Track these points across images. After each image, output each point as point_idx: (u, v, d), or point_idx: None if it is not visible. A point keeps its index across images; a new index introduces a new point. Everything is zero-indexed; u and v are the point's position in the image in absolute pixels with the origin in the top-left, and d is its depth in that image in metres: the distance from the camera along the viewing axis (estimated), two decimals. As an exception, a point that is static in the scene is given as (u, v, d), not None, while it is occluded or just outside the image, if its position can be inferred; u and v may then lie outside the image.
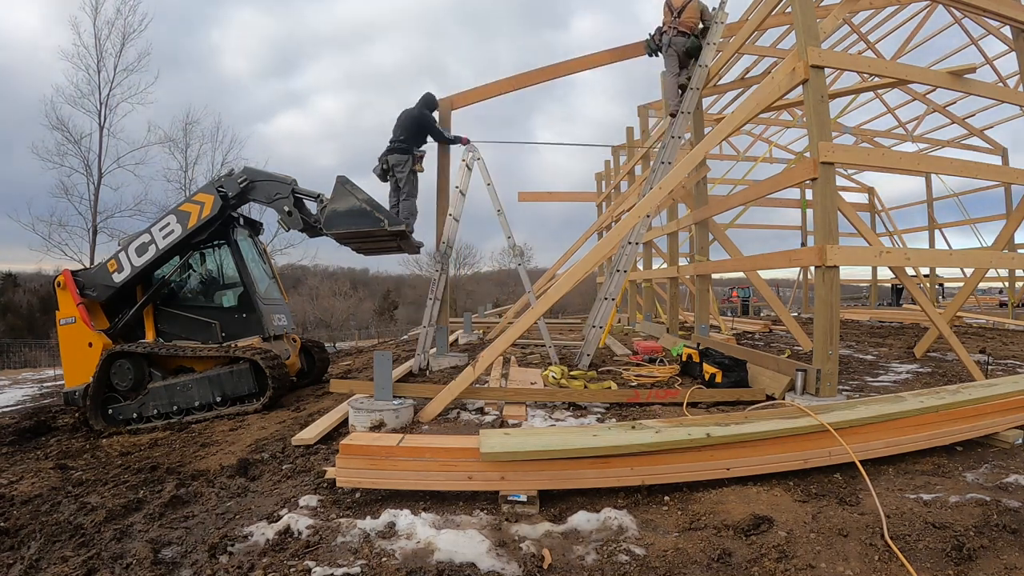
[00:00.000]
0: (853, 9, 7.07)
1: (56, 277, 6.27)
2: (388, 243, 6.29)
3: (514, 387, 5.14)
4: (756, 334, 9.86)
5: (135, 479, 3.91)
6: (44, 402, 8.96)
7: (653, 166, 7.19)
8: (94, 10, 19.41)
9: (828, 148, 4.30)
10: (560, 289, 5.23)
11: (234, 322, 6.29)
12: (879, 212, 15.86)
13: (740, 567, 2.21)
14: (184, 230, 5.95)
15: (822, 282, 4.32)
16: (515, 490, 2.75)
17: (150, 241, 5.99)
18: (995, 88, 8.39)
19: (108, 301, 6.26)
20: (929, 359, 6.67)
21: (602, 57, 7.62)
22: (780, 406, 4.28)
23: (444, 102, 7.24)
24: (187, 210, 6.01)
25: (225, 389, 5.82)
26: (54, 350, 24.66)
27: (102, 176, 19.84)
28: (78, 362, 6.01)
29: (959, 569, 2.10)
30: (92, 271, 6.36)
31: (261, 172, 6.26)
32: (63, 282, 6.10)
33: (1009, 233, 6.43)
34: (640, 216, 5.89)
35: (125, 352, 5.93)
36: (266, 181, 6.10)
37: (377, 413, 4.11)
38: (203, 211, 5.94)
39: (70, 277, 6.12)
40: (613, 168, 14.62)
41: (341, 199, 5.76)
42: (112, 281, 6.05)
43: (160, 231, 6.01)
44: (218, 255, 6.57)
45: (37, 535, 2.96)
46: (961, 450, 3.30)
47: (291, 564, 2.29)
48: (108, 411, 5.97)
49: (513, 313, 12.12)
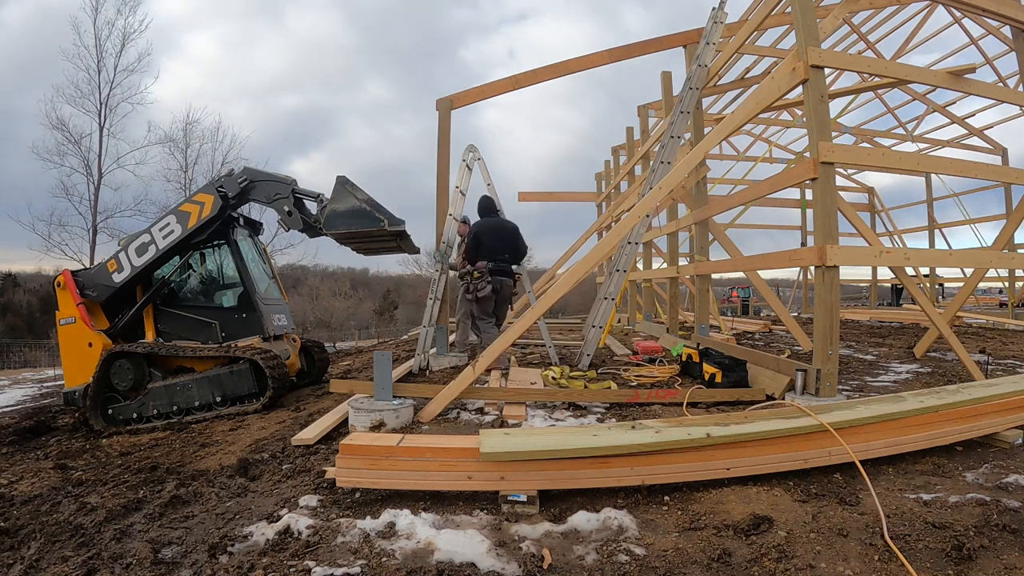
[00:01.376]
0: (853, 9, 7.08)
1: (56, 277, 6.25)
2: (388, 243, 6.27)
3: (514, 387, 5.14)
4: (756, 334, 9.86)
5: (135, 479, 3.90)
6: (44, 402, 8.96)
7: (653, 166, 7.20)
8: (94, 10, 19.45)
9: (828, 148, 4.30)
10: (560, 289, 5.23)
11: (234, 322, 6.29)
12: (879, 212, 15.87)
13: (740, 567, 2.21)
14: (184, 230, 5.95)
15: (822, 282, 4.32)
16: (515, 490, 2.75)
17: (150, 241, 5.99)
18: (995, 88, 8.39)
19: (108, 301, 6.24)
20: (929, 359, 6.67)
21: (601, 57, 7.62)
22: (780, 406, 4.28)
23: (443, 102, 7.24)
24: (187, 210, 6.00)
25: (225, 389, 5.82)
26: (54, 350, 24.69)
27: (102, 176, 19.88)
28: (78, 362, 6.00)
29: (959, 569, 2.10)
30: (92, 271, 6.35)
31: (261, 172, 6.23)
32: (63, 282, 6.09)
33: (1009, 233, 6.43)
34: (640, 216, 5.90)
35: (125, 352, 5.93)
36: (266, 181, 6.09)
37: (377, 413, 4.11)
38: (203, 211, 5.93)
39: (70, 277, 6.11)
40: (613, 168, 14.63)
41: (341, 199, 5.73)
42: (112, 281, 6.05)
43: (160, 231, 6.00)
44: (218, 255, 6.55)
45: (37, 535, 2.96)
46: (961, 450, 3.30)
47: (291, 564, 2.29)
48: (108, 411, 5.96)
49: (513, 313, 12.13)
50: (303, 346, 7.24)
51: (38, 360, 24.23)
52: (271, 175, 6.25)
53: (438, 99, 7.26)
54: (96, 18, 19.44)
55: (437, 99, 7.25)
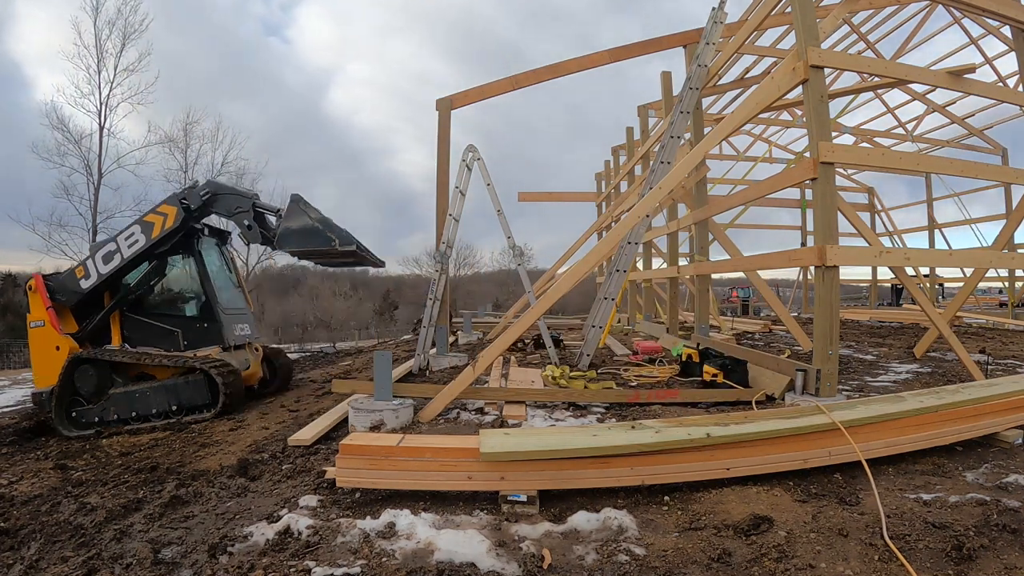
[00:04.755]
0: (853, 9, 7.08)
1: (28, 281, 6.34)
2: (346, 258, 6.38)
3: (514, 387, 5.14)
4: (756, 334, 9.86)
5: (135, 479, 3.90)
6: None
7: (652, 166, 7.20)
8: (94, 10, 19.44)
9: (828, 148, 4.30)
10: (560, 289, 5.23)
11: (195, 331, 6.38)
12: (879, 212, 15.87)
13: (740, 567, 2.20)
14: (148, 240, 6.06)
15: (822, 282, 4.32)
16: (515, 490, 2.75)
17: (116, 250, 6.09)
18: (995, 88, 8.39)
19: (78, 306, 6.33)
20: (929, 359, 6.67)
21: (601, 57, 7.63)
22: (780, 406, 4.29)
23: (443, 102, 7.26)
24: (151, 220, 6.10)
25: (181, 398, 5.90)
26: (54, 350, 24.71)
27: (102, 176, 19.84)
28: (46, 364, 6.04)
29: (959, 569, 2.10)
30: (62, 277, 6.43)
31: (224, 186, 6.39)
32: (34, 286, 6.21)
33: (1009, 233, 6.43)
34: (640, 216, 5.90)
35: (89, 358, 6.03)
36: (228, 195, 6.20)
37: (377, 413, 4.11)
38: (166, 222, 6.04)
39: (41, 282, 6.23)
40: (613, 168, 14.64)
41: (294, 217, 5.83)
42: (80, 287, 6.13)
43: (125, 240, 6.10)
44: (184, 264, 6.63)
45: (37, 535, 2.96)
46: (961, 450, 3.30)
47: (291, 564, 2.29)
48: (72, 414, 6.01)
49: (513, 313, 12.13)
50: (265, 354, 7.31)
51: (38, 360, 24.18)
52: (234, 189, 6.42)
53: (438, 99, 7.28)
54: (96, 18, 19.45)
55: (437, 99, 7.27)
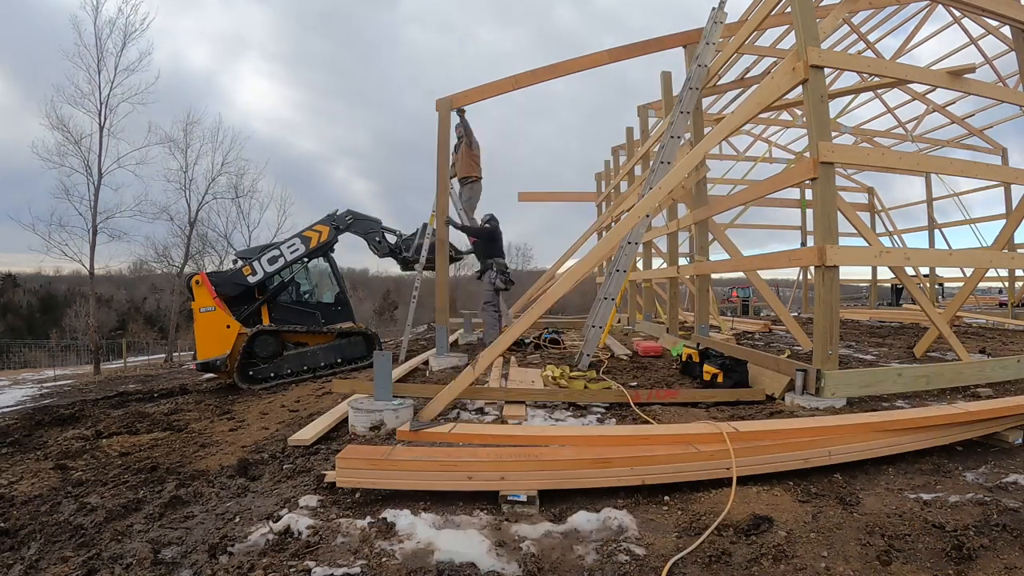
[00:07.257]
0: (853, 9, 7.08)
1: (193, 276, 8.00)
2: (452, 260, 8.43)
3: (514, 387, 5.14)
4: (756, 334, 9.86)
5: (135, 479, 3.90)
6: (44, 402, 8.96)
7: (652, 166, 7.20)
8: (95, 10, 19.45)
9: (828, 148, 4.30)
10: (560, 289, 5.23)
11: (331, 312, 8.53)
12: (879, 212, 15.86)
13: (740, 567, 2.20)
14: (307, 249, 8.15)
15: (822, 282, 4.32)
16: (515, 490, 2.75)
17: (279, 255, 8.04)
18: (995, 88, 8.39)
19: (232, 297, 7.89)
20: (929, 359, 6.67)
21: (601, 57, 7.62)
22: (780, 406, 4.29)
23: (443, 101, 7.25)
24: (309, 235, 8.20)
25: (345, 354, 8.08)
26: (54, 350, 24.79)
27: (102, 176, 19.84)
28: (214, 340, 7.62)
29: (959, 569, 2.10)
30: (226, 274, 8.13)
31: (360, 213, 8.52)
32: (201, 280, 7.78)
33: (1009, 233, 6.42)
34: (640, 216, 5.89)
35: (267, 330, 7.81)
36: (363, 219, 8.46)
37: (377, 413, 4.10)
38: (321, 237, 8.23)
39: (207, 278, 7.85)
40: (613, 168, 14.63)
41: (425, 238, 8.06)
42: (247, 282, 7.87)
43: (288, 248, 8.09)
44: (319, 264, 8.79)
45: (37, 535, 2.96)
46: (961, 450, 3.30)
47: (291, 564, 2.29)
48: (249, 372, 7.59)
49: (513, 313, 12.12)
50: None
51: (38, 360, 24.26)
52: (365, 215, 8.57)
53: (438, 99, 7.27)
54: (96, 18, 19.46)
55: (437, 99, 7.26)
